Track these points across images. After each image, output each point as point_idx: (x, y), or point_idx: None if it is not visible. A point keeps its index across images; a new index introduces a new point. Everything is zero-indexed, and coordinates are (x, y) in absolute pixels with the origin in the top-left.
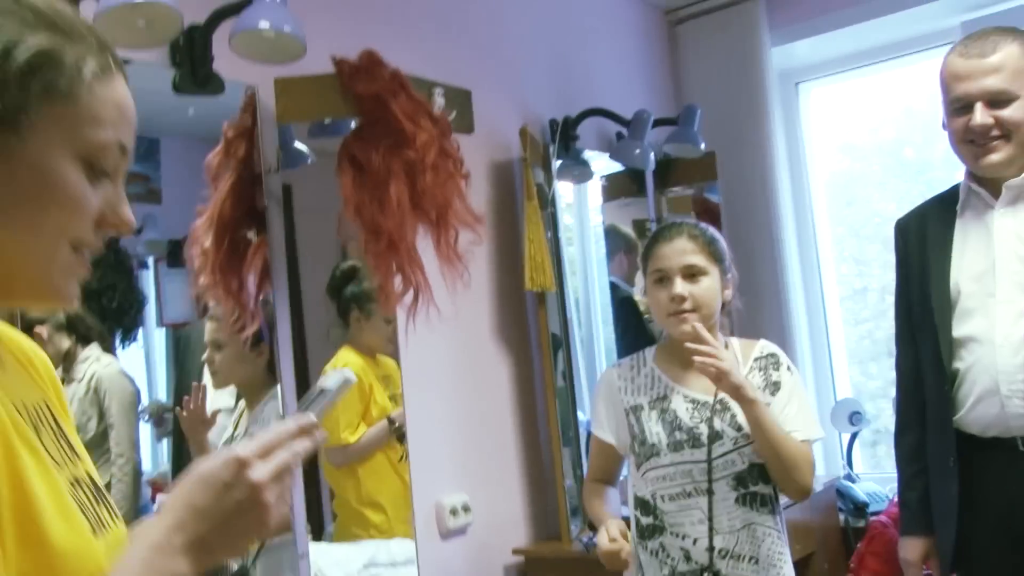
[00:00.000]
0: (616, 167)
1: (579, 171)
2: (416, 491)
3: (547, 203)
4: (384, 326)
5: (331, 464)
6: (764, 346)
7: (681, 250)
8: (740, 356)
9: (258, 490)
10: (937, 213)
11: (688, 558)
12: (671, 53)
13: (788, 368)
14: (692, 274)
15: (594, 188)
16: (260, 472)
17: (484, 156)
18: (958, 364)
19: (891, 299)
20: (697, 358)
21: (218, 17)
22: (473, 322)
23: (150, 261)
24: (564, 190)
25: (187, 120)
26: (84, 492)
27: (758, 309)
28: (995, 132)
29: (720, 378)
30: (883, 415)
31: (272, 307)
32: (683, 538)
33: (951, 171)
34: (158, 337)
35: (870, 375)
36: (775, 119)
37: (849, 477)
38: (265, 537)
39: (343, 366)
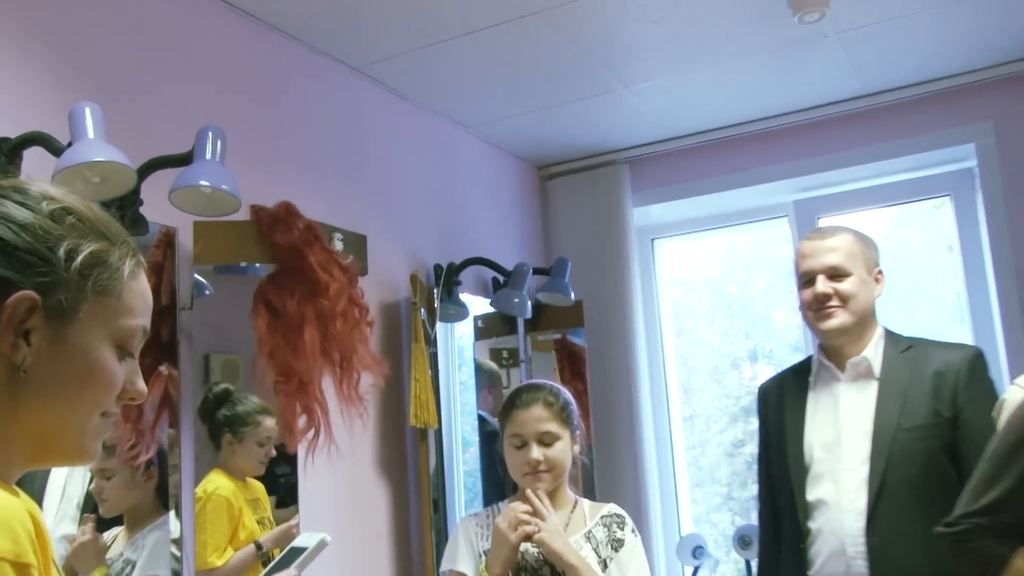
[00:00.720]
0: (490, 309)
1: (456, 312)
2: None
3: (431, 343)
4: (257, 450)
5: None
6: (612, 508)
7: (537, 418)
8: (588, 513)
9: None
10: (793, 382)
11: None
12: (543, 206)
13: (632, 531)
14: (546, 442)
15: (466, 326)
16: None
17: (375, 297)
18: (811, 524)
19: (716, 427)
20: (522, 527)
21: (151, 167)
22: (362, 455)
23: None
24: (439, 328)
25: None
26: None
27: (615, 452)
28: (834, 301)
29: (541, 543)
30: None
31: (173, 434)
32: None
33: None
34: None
35: (695, 500)
36: (635, 270)
37: None
38: None
39: (214, 489)
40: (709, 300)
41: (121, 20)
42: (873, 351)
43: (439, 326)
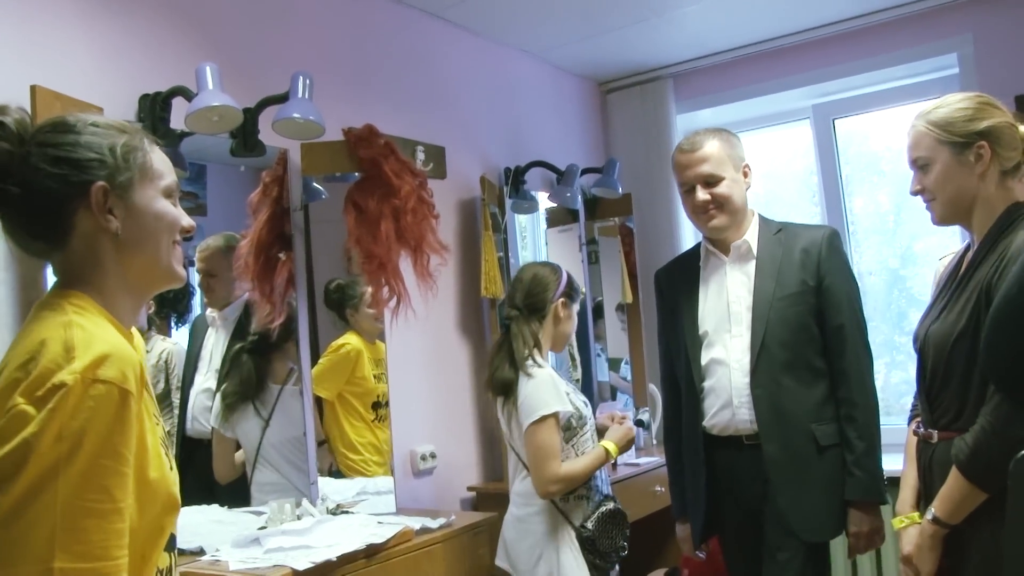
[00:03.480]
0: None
1: (527, 206)
2: (396, 441)
3: (500, 231)
4: (368, 312)
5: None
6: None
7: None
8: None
9: None
10: (685, 266)
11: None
12: (603, 117)
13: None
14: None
15: (542, 217)
16: None
17: (453, 196)
18: (704, 383)
19: None
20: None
21: (262, 105)
22: (443, 319)
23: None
24: (520, 219)
25: (225, 153)
26: (165, 445)
27: None
28: (713, 205)
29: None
30: None
31: (294, 305)
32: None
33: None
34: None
35: None
36: None
37: None
38: None
39: (343, 343)
40: (795, 191)
41: None
42: (751, 235)
43: (514, 217)
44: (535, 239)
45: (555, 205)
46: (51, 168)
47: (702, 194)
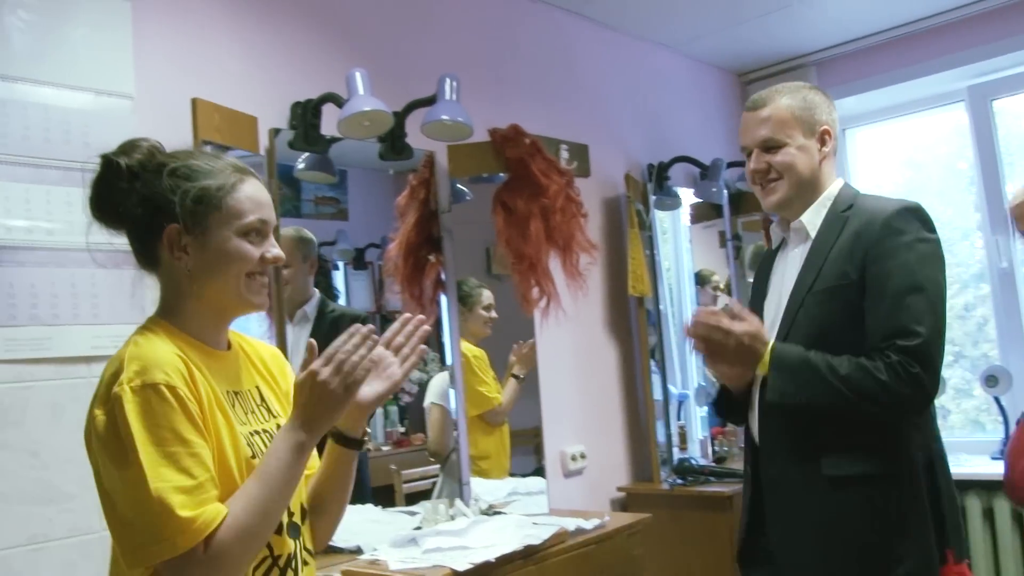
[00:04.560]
0: (696, 199)
1: (671, 202)
2: (547, 442)
3: (646, 229)
4: (482, 313)
5: (490, 424)
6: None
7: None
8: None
9: (324, 385)
10: (772, 251)
11: None
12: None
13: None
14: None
15: (685, 214)
16: (323, 374)
17: (597, 194)
18: (752, 387)
19: (949, 292)
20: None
21: (410, 108)
22: (591, 318)
23: (340, 265)
24: (660, 215)
25: (367, 157)
26: (261, 437)
27: None
28: (772, 175)
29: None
30: None
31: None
32: None
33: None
34: None
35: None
36: None
37: None
38: (350, 401)
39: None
40: (942, 178)
41: None
42: (812, 214)
43: (657, 214)
44: (676, 236)
45: (699, 200)
46: (138, 208)
47: (758, 161)
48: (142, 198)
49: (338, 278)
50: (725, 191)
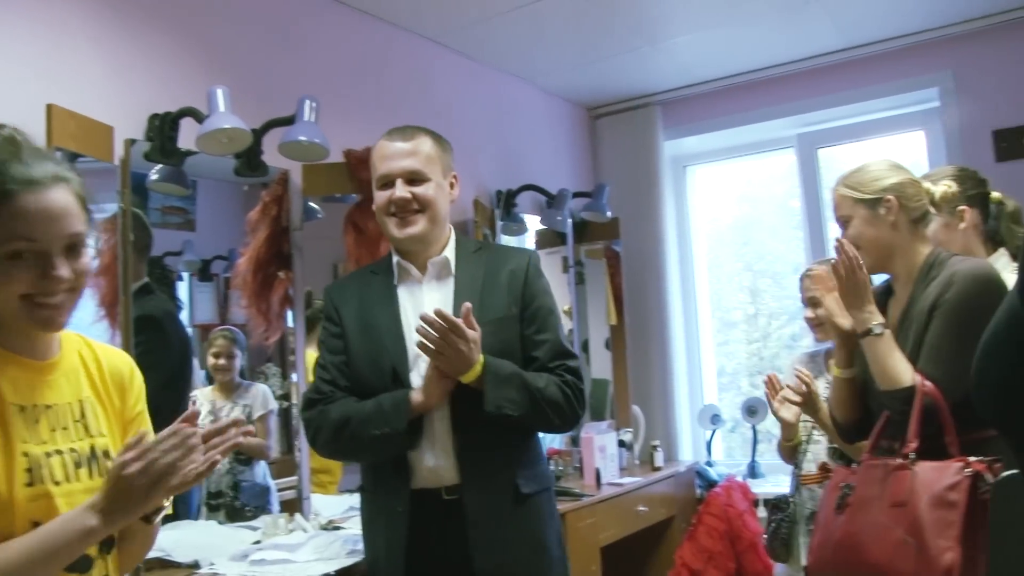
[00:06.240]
0: (542, 225)
1: (517, 228)
2: None
3: None
4: None
5: None
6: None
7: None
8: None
9: (129, 480)
10: (375, 281)
11: None
12: (593, 141)
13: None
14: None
15: (530, 239)
16: (130, 469)
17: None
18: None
19: (776, 323)
20: None
21: (268, 126)
22: None
23: (186, 276)
24: (507, 240)
25: (218, 169)
26: (64, 457)
27: (646, 336)
28: (413, 206)
29: None
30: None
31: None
32: None
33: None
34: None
35: (755, 386)
36: (666, 191)
37: (708, 463)
38: (153, 501)
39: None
40: (775, 215)
41: (246, 16)
42: (450, 251)
43: (504, 239)
44: None
45: (544, 228)
46: None
47: (402, 190)
48: None
49: (182, 289)
50: (570, 220)
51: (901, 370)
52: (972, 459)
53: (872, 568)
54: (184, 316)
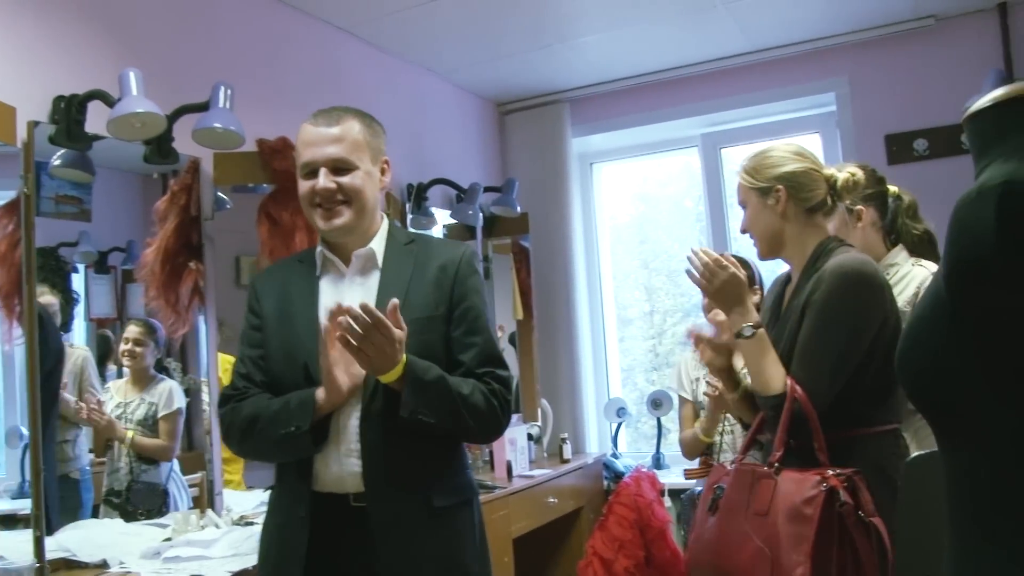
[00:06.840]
0: (452, 220)
1: (427, 222)
2: None
3: None
4: None
5: None
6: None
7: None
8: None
9: None
10: (297, 271)
11: None
12: (501, 137)
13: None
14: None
15: (438, 233)
16: None
17: None
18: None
19: (671, 320)
20: None
21: (180, 112)
22: None
23: (81, 268)
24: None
25: (118, 158)
26: None
27: (553, 331)
28: (339, 197)
29: None
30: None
31: (202, 314)
32: None
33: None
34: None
35: (651, 381)
36: (574, 187)
37: (614, 455)
38: None
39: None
40: (671, 214)
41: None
42: (378, 243)
43: (413, 232)
44: None
45: (454, 222)
46: None
47: (326, 181)
48: None
49: (77, 281)
50: (480, 214)
51: (771, 375)
52: (830, 472)
53: (733, 573)
54: (80, 309)
